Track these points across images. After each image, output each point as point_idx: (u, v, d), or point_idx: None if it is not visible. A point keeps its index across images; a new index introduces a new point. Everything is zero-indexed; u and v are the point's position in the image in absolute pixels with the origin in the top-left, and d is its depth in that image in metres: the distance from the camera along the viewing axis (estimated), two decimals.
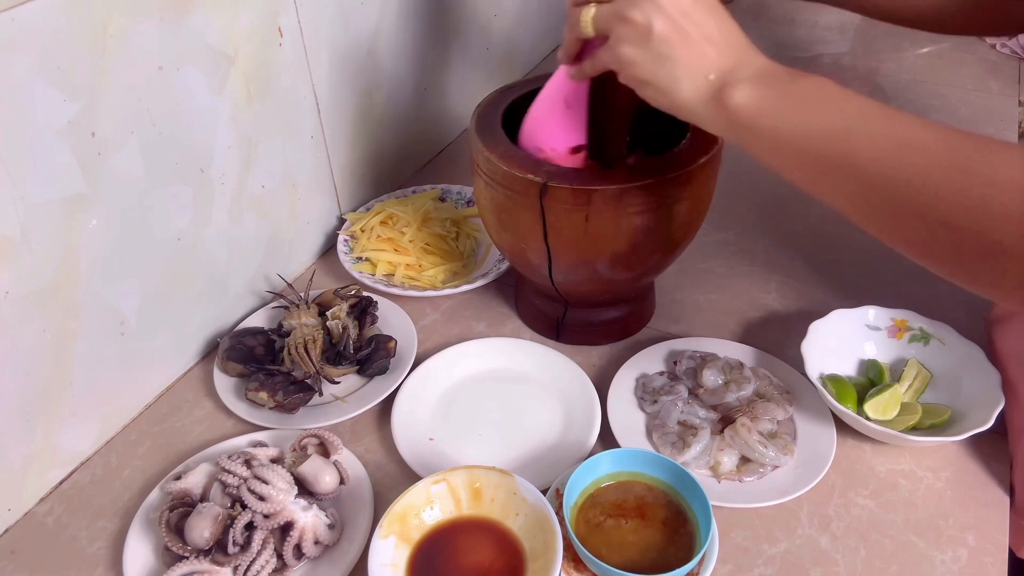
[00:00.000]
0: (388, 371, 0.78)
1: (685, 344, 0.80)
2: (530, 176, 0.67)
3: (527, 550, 0.59)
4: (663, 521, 0.62)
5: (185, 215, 0.76)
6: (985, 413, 0.67)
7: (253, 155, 0.82)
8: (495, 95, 0.79)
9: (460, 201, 1.02)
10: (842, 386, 0.71)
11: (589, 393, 0.75)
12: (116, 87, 0.65)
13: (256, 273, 0.88)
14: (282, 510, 0.61)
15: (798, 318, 0.79)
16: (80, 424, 0.71)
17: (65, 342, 0.67)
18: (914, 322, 0.77)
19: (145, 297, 0.74)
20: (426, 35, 1.06)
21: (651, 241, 0.70)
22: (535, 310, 0.84)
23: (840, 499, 0.67)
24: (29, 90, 0.59)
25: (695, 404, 0.73)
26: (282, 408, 0.73)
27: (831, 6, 0.85)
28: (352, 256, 0.93)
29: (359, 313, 0.82)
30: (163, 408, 0.78)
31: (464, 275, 0.92)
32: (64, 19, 0.60)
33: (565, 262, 0.72)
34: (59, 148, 0.62)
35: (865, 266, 0.92)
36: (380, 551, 0.58)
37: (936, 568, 0.62)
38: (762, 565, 0.62)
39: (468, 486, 0.62)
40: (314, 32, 0.86)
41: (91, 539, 0.66)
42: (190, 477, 0.65)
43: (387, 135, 1.05)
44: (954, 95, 1.25)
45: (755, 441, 0.68)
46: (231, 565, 0.60)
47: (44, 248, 0.63)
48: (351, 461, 0.69)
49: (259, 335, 0.81)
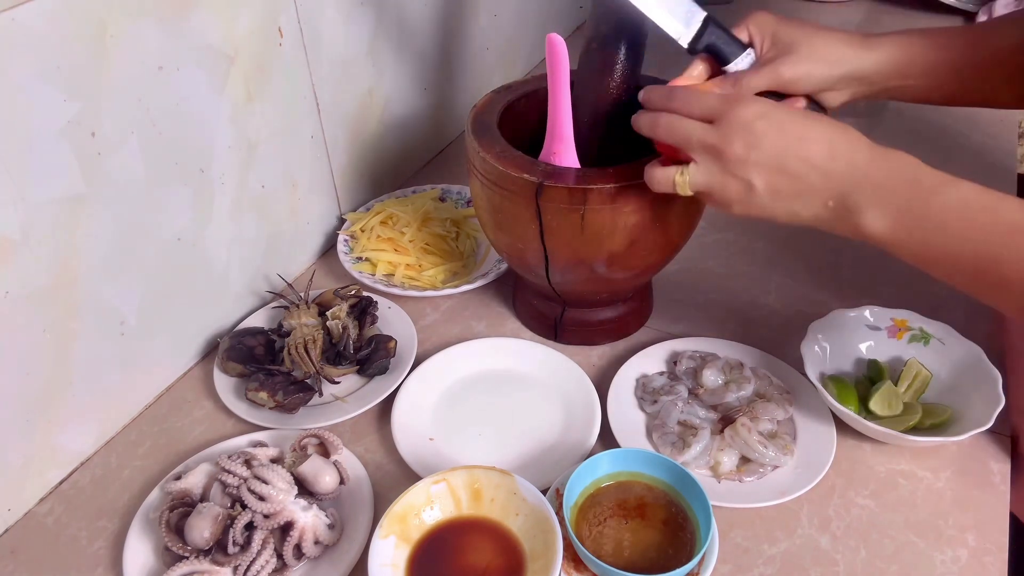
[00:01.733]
0: (388, 371, 0.78)
1: (685, 344, 0.80)
2: (526, 176, 0.67)
3: (527, 550, 0.59)
4: (663, 521, 0.62)
5: (185, 215, 0.76)
6: (985, 413, 0.67)
7: (253, 155, 0.82)
8: (492, 96, 0.79)
9: (460, 201, 1.02)
10: (842, 386, 0.71)
11: (589, 393, 0.75)
12: (116, 87, 0.65)
13: (256, 273, 0.88)
14: (282, 510, 0.61)
15: (798, 318, 0.79)
16: (80, 424, 0.71)
17: (65, 342, 0.67)
18: (914, 322, 0.77)
19: (145, 297, 0.74)
20: (426, 35, 1.06)
21: (648, 240, 0.70)
22: (533, 310, 0.84)
23: (840, 499, 0.67)
24: (29, 90, 0.59)
25: (695, 404, 0.73)
26: (282, 408, 0.73)
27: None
28: (352, 256, 0.93)
29: (359, 313, 0.82)
30: (163, 408, 0.78)
31: (464, 275, 0.92)
32: (64, 19, 0.60)
33: (562, 262, 0.72)
34: (59, 148, 0.62)
35: (865, 266, 0.92)
36: (380, 551, 0.58)
37: (936, 568, 0.62)
38: (762, 565, 0.62)
39: (468, 486, 0.62)
40: (314, 32, 0.86)
41: (91, 539, 0.66)
42: (190, 477, 0.65)
43: (387, 135, 1.05)
44: None
45: (755, 441, 0.68)
46: (231, 565, 0.60)
47: (44, 248, 0.63)
48: (351, 461, 0.69)
49: (259, 335, 0.81)
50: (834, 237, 0.58)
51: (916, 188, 0.53)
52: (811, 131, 0.55)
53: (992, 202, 0.51)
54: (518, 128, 0.76)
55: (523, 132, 0.76)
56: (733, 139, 0.56)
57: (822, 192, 0.55)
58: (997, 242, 0.51)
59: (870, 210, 0.54)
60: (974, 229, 0.51)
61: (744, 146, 0.56)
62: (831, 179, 0.55)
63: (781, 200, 0.57)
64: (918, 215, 0.53)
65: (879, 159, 0.54)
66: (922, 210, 0.53)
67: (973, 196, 0.52)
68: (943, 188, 0.52)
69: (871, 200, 0.54)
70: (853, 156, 0.55)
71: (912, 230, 0.53)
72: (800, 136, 0.55)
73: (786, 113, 0.56)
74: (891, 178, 0.54)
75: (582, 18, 1.48)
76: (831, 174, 0.55)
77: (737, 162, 0.56)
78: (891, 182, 0.53)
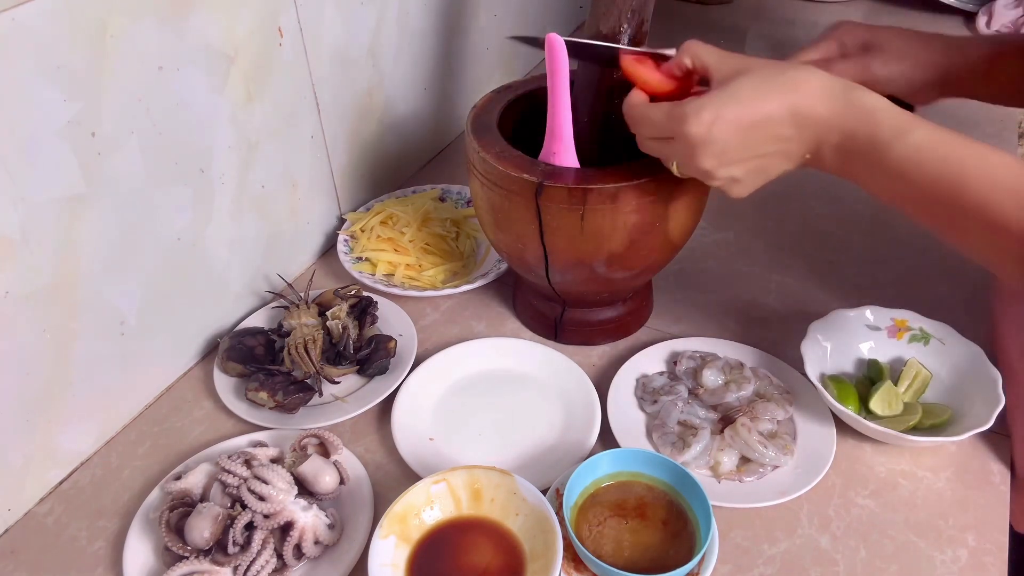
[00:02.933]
0: (388, 371, 0.78)
1: (685, 344, 0.80)
2: (525, 176, 0.67)
3: (527, 550, 0.59)
4: (663, 521, 0.62)
5: (185, 215, 0.76)
6: (985, 413, 0.67)
7: (253, 155, 0.82)
8: (491, 95, 0.79)
9: (460, 201, 1.02)
10: (842, 386, 0.71)
11: (589, 393, 0.75)
12: (116, 87, 0.65)
13: (256, 273, 0.88)
14: (282, 510, 0.61)
15: (798, 318, 0.79)
16: (80, 424, 0.71)
17: (65, 342, 0.67)
18: (914, 322, 0.77)
19: (145, 297, 0.74)
20: (426, 35, 1.06)
21: (648, 240, 0.70)
22: (533, 310, 0.84)
23: (840, 499, 0.67)
24: (29, 90, 0.59)
25: (695, 404, 0.73)
26: (282, 408, 0.73)
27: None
28: (352, 256, 0.93)
29: (359, 313, 0.82)
30: (163, 408, 0.78)
31: (464, 275, 0.92)
32: (64, 19, 0.60)
33: (562, 262, 0.72)
34: (59, 148, 0.62)
35: (865, 266, 0.92)
36: (380, 551, 0.58)
37: (936, 568, 0.62)
38: (762, 565, 0.62)
39: (468, 486, 0.62)
40: (314, 32, 0.86)
41: (91, 539, 0.66)
42: (190, 477, 0.65)
43: (387, 135, 1.05)
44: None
45: (755, 441, 0.68)
46: (231, 565, 0.60)
47: (44, 248, 0.63)
48: (351, 461, 0.69)
49: (259, 335, 0.81)
50: (834, 237, 0.59)
51: (873, 142, 0.54)
52: (768, 109, 0.56)
53: (944, 148, 0.53)
54: (518, 128, 0.76)
55: (523, 132, 0.76)
56: (699, 156, 0.57)
57: (799, 151, 0.57)
58: (949, 188, 0.52)
59: (834, 160, 0.56)
60: (927, 177, 0.53)
61: (712, 157, 0.57)
62: (803, 141, 0.56)
63: (767, 173, 0.59)
64: (876, 164, 0.54)
65: (840, 110, 0.55)
66: (879, 160, 0.54)
67: (926, 144, 0.53)
68: (896, 140, 0.53)
69: (835, 151, 0.56)
70: (815, 112, 0.55)
71: (874, 177, 0.55)
72: (760, 119, 0.56)
73: (734, 103, 0.56)
74: (849, 131, 0.55)
75: (582, 18, 1.48)
76: (800, 137, 0.56)
77: (713, 170, 0.58)
78: (849, 140, 0.55)
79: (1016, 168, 0.52)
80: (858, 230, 0.97)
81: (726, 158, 0.57)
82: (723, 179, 0.59)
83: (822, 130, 0.55)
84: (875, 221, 0.98)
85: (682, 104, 0.57)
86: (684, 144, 0.57)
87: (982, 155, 0.52)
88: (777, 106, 0.55)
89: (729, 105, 0.56)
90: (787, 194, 1.02)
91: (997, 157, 0.52)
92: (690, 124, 0.56)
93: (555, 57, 0.67)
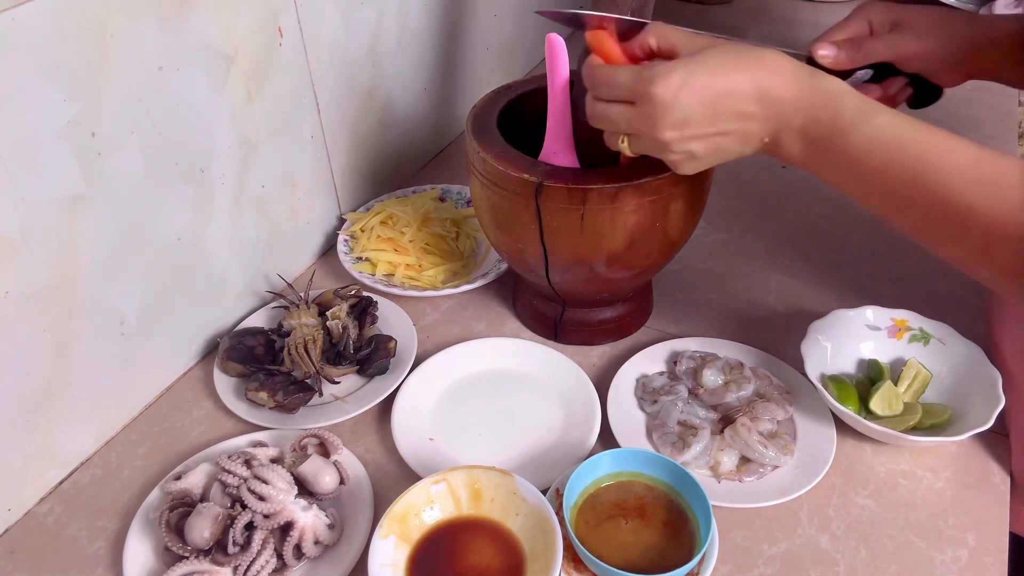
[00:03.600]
0: (388, 371, 0.78)
1: (685, 344, 0.80)
2: (525, 176, 0.67)
3: (527, 550, 0.59)
4: (663, 521, 0.62)
5: (185, 215, 0.76)
6: (985, 413, 0.67)
7: (253, 155, 0.82)
8: (491, 95, 0.79)
9: (460, 201, 1.02)
10: (842, 386, 0.71)
11: (589, 393, 0.75)
12: (116, 87, 0.65)
13: (256, 273, 0.88)
14: (282, 510, 0.61)
15: (798, 318, 0.79)
16: (80, 424, 0.71)
17: (65, 342, 0.67)
18: (914, 322, 0.77)
19: (145, 297, 0.74)
20: (426, 35, 1.06)
21: (648, 240, 0.70)
22: (533, 310, 0.84)
23: (840, 499, 0.67)
24: (29, 90, 0.59)
25: (695, 404, 0.73)
26: (282, 408, 0.73)
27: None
28: (352, 256, 0.93)
29: (359, 313, 0.82)
30: (163, 408, 0.78)
31: (464, 275, 0.92)
32: (64, 19, 0.60)
33: (562, 262, 0.72)
34: (59, 148, 0.62)
35: (865, 266, 0.92)
36: (380, 551, 0.58)
37: (936, 568, 0.62)
38: (762, 565, 0.62)
39: (468, 486, 0.62)
40: (314, 32, 0.86)
41: (91, 539, 0.66)
42: (190, 477, 0.65)
43: (387, 135, 1.05)
44: (955, 94, 1.24)
45: (755, 441, 0.68)
46: (231, 565, 0.60)
47: (44, 248, 0.63)
48: (351, 461, 0.69)
49: (259, 335, 0.81)
50: (834, 237, 0.59)
51: (833, 127, 0.54)
52: (735, 80, 0.55)
53: (905, 132, 0.53)
54: (518, 128, 0.76)
55: (523, 132, 0.76)
56: (661, 123, 0.56)
57: (758, 133, 0.57)
58: (909, 173, 0.52)
59: (795, 145, 0.56)
60: (888, 161, 0.53)
61: (673, 126, 0.56)
62: (765, 121, 0.56)
63: (724, 152, 0.59)
64: (838, 150, 0.54)
65: (805, 92, 0.55)
66: (842, 146, 0.54)
67: (887, 128, 0.53)
68: (858, 125, 0.53)
69: (797, 136, 0.56)
70: (780, 92, 0.55)
71: (836, 165, 0.55)
72: (727, 91, 0.55)
73: (704, 70, 0.55)
74: (812, 115, 0.55)
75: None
76: (763, 116, 0.56)
77: (672, 142, 0.57)
78: (812, 123, 0.55)
79: (976, 152, 0.51)
80: (858, 230, 0.97)
81: (687, 130, 0.56)
82: (679, 154, 0.58)
83: (786, 111, 0.55)
84: (875, 221, 0.97)
85: (651, 65, 0.56)
86: (646, 109, 0.56)
87: (943, 140, 0.52)
88: (744, 80, 0.55)
89: (699, 73, 0.55)
90: (787, 194, 1.02)
91: (958, 142, 0.52)
92: (657, 85, 0.55)
93: (555, 57, 0.67)
